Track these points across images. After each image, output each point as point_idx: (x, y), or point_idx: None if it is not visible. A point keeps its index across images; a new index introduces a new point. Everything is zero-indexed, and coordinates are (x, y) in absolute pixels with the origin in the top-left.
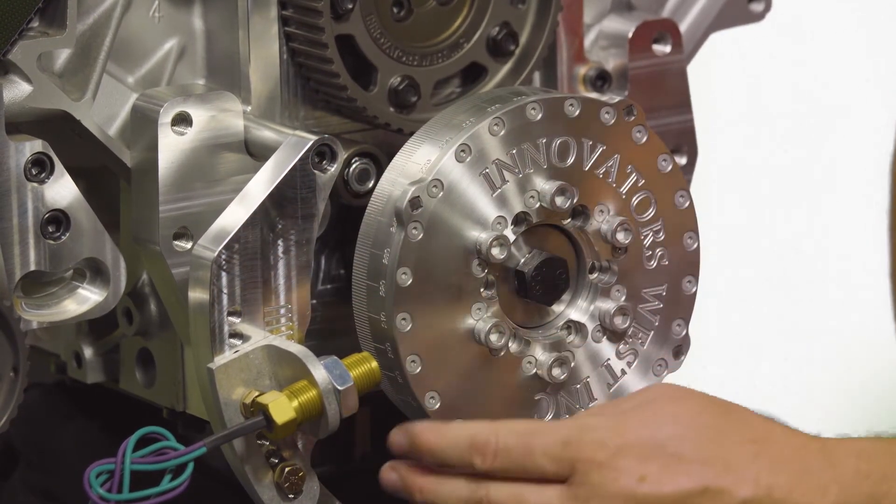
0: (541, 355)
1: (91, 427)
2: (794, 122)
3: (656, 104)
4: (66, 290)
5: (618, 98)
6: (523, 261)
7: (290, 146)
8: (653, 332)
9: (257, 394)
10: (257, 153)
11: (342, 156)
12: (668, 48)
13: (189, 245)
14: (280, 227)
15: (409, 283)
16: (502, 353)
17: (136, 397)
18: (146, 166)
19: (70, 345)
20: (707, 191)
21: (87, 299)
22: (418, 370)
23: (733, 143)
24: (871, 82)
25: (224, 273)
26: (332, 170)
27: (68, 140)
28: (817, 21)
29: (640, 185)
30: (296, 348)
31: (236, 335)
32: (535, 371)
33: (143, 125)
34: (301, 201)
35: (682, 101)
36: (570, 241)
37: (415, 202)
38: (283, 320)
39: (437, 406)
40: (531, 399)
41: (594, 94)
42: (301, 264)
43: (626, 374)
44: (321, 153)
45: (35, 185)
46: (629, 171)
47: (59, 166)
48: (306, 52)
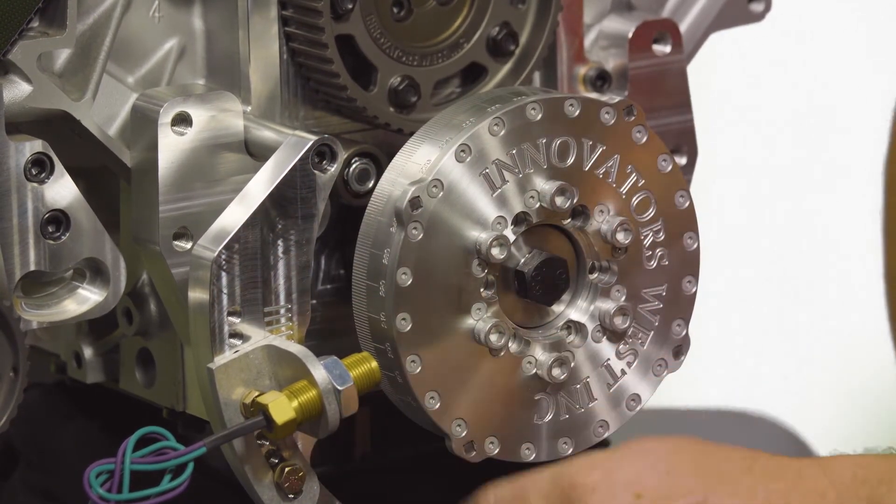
0: (541, 355)
1: (91, 427)
2: (794, 122)
3: (656, 104)
4: (66, 290)
5: (618, 98)
6: (523, 261)
7: (290, 146)
8: (653, 332)
9: (257, 394)
10: (257, 153)
11: (342, 156)
12: (668, 48)
13: (189, 245)
14: (280, 227)
15: (409, 283)
16: (502, 353)
17: (136, 397)
18: (146, 166)
19: (70, 345)
20: (707, 191)
21: (87, 299)
22: (418, 370)
23: (733, 143)
24: (871, 82)
25: (224, 273)
26: (332, 170)
27: (68, 140)
28: (817, 21)
29: (640, 185)
30: (296, 348)
31: (236, 335)
32: (535, 371)
33: (143, 125)
34: (301, 201)
35: (681, 101)
36: (570, 242)
37: (415, 202)
38: (283, 320)
39: (437, 406)
40: (531, 399)
41: (594, 94)
42: (301, 264)
43: (625, 374)
44: (321, 153)
45: (35, 185)
46: (629, 171)
47: (59, 166)
48: (306, 52)
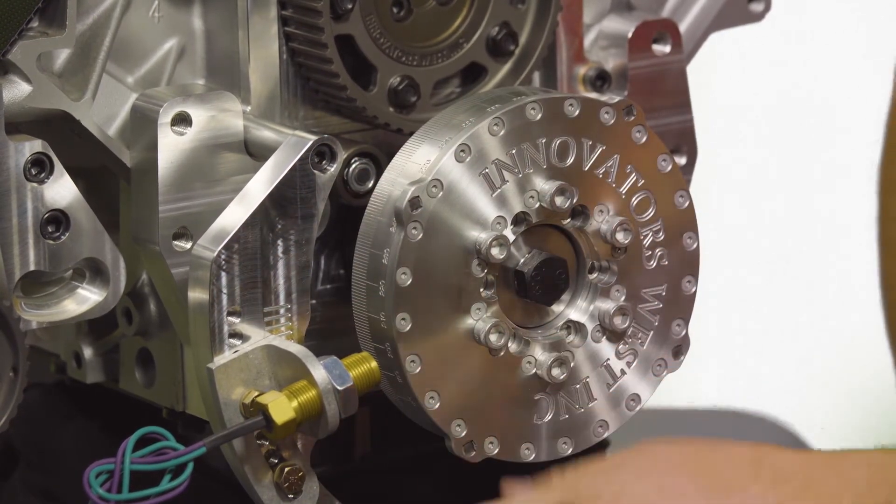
0: (540, 355)
1: (91, 427)
2: (794, 122)
3: (656, 104)
4: (66, 290)
5: (617, 98)
6: (523, 261)
7: (289, 146)
8: (652, 332)
9: (257, 394)
10: (257, 153)
11: (342, 156)
12: (667, 48)
13: (189, 245)
14: (280, 227)
15: (409, 283)
16: (502, 353)
17: (135, 397)
18: (146, 166)
19: (70, 345)
20: (707, 191)
21: (86, 299)
22: (418, 370)
23: (733, 143)
24: (872, 82)
25: (224, 273)
26: (332, 170)
27: (68, 140)
28: (817, 21)
29: (639, 185)
30: (295, 348)
31: (236, 335)
32: (534, 371)
33: (142, 125)
34: (301, 201)
35: (681, 101)
36: (569, 241)
37: (414, 202)
38: (282, 320)
39: (437, 406)
40: (531, 399)
41: (594, 94)
42: (301, 264)
43: (625, 374)
44: (321, 153)
45: (35, 185)
46: (629, 171)
47: (58, 166)
48: (306, 52)
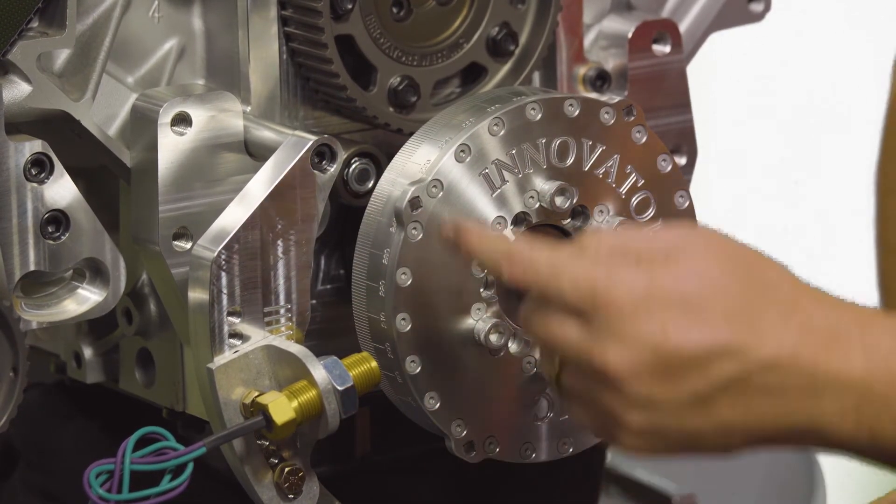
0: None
1: (91, 427)
2: (795, 122)
3: (656, 104)
4: (66, 290)
5: (617, 98)
6: None
7: (289, 146)
8: None
9: (257, 394)
10: (257, 153)
11: (342, 156)
12: (667, 48)
13: (189, 245)
14: (280, 227)
15: (409, 283)
16: (502, 354)
17: (135, 397)
18: (146, 166)
19: (70, 345)
20: (707, 191)
21: (86, 299)
22: (418, 370)
23: (733, 143)
24: (872, 82)
25: (224, 273)
26: (332, 170)
27: (68, 140)
28: (817, 21)
29: (639, 185)
30: (295, 348)
31: (236, 335)
32: (535, 371)
33: (142, 125)
34: (301, 201)
35: (681, 101)
36: (570, 242)
37: (414, 202)
38: (283, 320)
39: (437, 406)
40: (531, 399)
41: (594, 95)
42: (301, 264)
43: None
44: (321, 153)
45: (35, 185)
46: (629, 171)
47: (58, 166)
48: (306, 52)
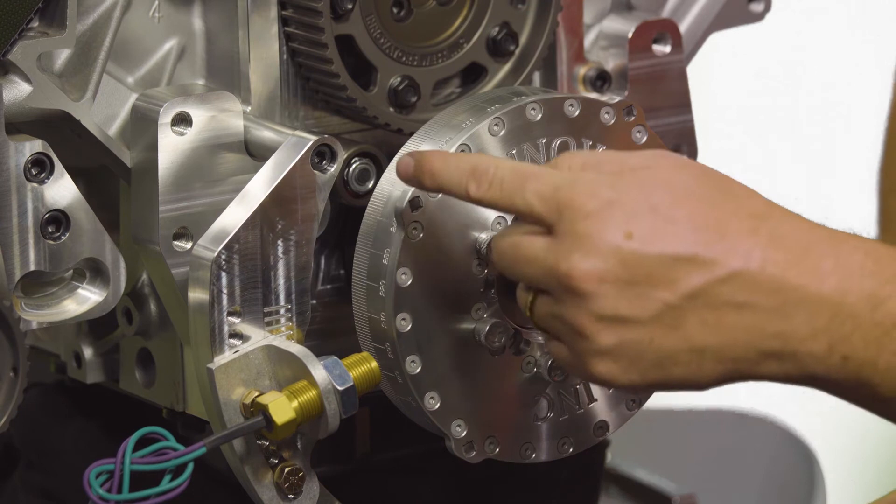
0: (540, 356)
1: (91, 427)
2: (794, 122)
3: (656, 104)
4: (66, 290)
5: (617, 98)
6: None
7: (289, 146)
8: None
9: (257, 394)
10: (257, 153)
11: (342, 156)
12: (667, 48)
13: (189, 245)
14: (280, 227)
15: (409, 283)
16: (502, 354)
17: (135, 397)
18: (146, 166)
19: (70, 345)
20: None
21: (87, 299)
22: (418, 370)
23: (733, 142)
24: (872, 82)
25: (224, 273)
26: (332, 170)
27: (68, 140)
28: (817, 21)
29: None
30: (296, 348)
31: (236, 335)
32: (535, 371)
33: (143, 125)
34: (301, 201)
35: (681, 101)
36: None
37: (414, 202)
38: (283, 320)
39: (437, 406)
40: (531, 399)
41: (594, 95)
42: (301, 264)
43: None
44: (321, 153)
45: (35, 185)
46: None
47: (59, 166)
48: (306, 52)
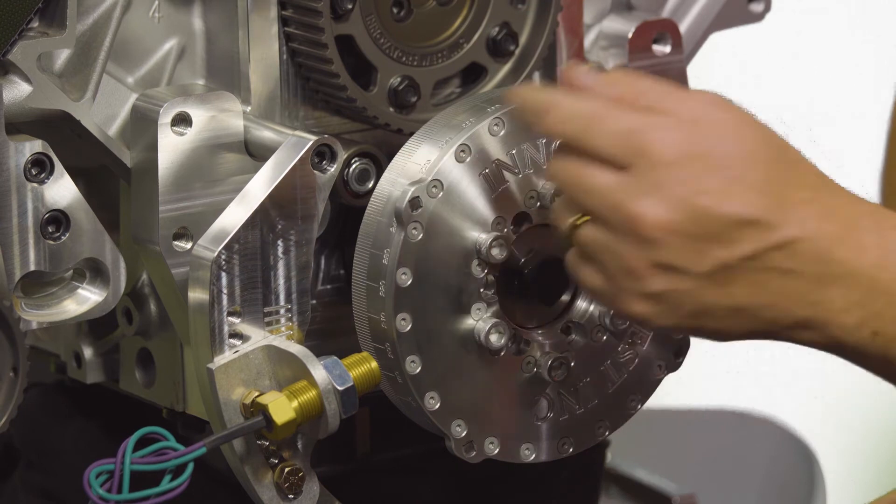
0: (540, 356)
1: (91, 427)
2: (794, 122)
3: None
4: (66, 290)
5: None
6: (523, 261)
7: (289, 146)
8: (653, 333)
9: (257, 394)
10: (257, 153)
11: (342, 156)
12: (668, 48)
13: (189, 245)
14: (280, 227)
15: (409, 283)
16: (502, 354)
17: (135, 397)
18: (146, 166)
19: (70, 345)
20: None
21: (87, 299)
22: (418, 370)
23: None
24: (872, 83)
25: (224, 273)
26: (332, 170)
27: (68, 140)
28: (817, 21)
29: None
30: (296, 348)
31: (236, 335)
32: (535, 371)
33: (143, 125)
34: (301, 201)
35: None
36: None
37: (414, 202)
38: (283, 320)
39: (437, 406)
40: (531, 399)
41: None
42: (301, 264)
43: (625, 374)
44: (321, 153)
45: (35, 185)
46: None
47: (58, 166)
48: (306, 52)
